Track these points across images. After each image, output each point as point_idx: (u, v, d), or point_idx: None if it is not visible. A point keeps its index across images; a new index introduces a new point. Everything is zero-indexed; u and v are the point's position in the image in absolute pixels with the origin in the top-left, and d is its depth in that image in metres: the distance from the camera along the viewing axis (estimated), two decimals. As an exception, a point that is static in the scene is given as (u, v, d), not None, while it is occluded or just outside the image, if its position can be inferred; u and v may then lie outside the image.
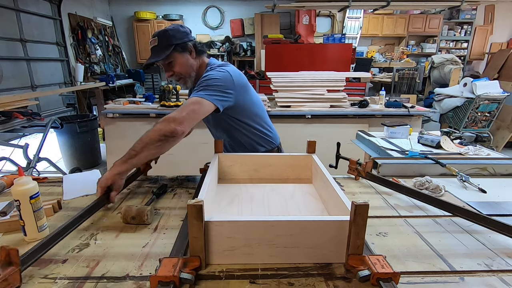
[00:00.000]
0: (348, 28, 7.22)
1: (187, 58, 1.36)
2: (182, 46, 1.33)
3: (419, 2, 4.51)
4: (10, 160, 2.76)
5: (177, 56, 1.33)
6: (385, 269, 0.69)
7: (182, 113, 1.14)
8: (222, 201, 1.10)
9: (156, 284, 0.66)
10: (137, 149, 1.08)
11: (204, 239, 0.72)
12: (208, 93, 1.22)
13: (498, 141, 4.70)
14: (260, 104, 1.53)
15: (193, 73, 1.40)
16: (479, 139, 1.90)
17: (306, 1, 4.27)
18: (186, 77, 1.39)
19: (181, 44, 1.33)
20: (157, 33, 1.33)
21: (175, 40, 1.31)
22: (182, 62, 1.35)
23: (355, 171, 1.33)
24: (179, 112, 1.15)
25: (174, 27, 1.35)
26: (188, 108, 1.17)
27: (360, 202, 0.70)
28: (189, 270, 0.70)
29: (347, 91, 3.47)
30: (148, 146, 1.08)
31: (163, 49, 1.30)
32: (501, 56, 5.52)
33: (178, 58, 1.34)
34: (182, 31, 1.35)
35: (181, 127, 1.11)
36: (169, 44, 1.30)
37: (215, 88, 1.25)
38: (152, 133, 1.09)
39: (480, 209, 1.07)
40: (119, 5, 7.22)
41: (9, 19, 4.14)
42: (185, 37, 1.34)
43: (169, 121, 1.11)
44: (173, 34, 1.31)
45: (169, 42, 1.30)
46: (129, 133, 3.15)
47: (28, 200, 0.84)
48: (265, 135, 1.54)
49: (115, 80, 5.48)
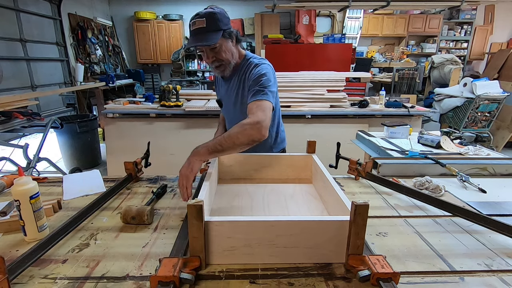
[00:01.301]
0: (348, 28, 7.22)
1: (230, 45, 1.33)
2: (229, 33, 1.30)
3: (419, 2, 4.51)
4: (10, 160, 2.76)
5: (223, 42, 1.29)
6: (385, 269, 0.69)
7: (267, 120, 1.17)
8: (222, 201, 1.11)
9: (156, 284, 0.66)
10: (224, 146, 1.09)
11: (204, 239, 0.72)
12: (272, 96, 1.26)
13: (498, 141, 4.70)
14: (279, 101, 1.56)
15: (233, 61, 1.37)
16: (479, 139, 1.90)
17: (306, 1, 4.27)
18: (226, 64, 1.36)
19: (227, 30, 1.29)
20: (204, 14, 1.25)
21: (223, 25, 1.27)
22: (227, 49, 1.32)
23: (355, 171, 1.33)
24: (264, 116, 1.16)
25: (221, 11, 1.29)
26: (268, 114, 1.19)
27: (360, 202, 0.70)
28: (189, 270, 0.70)
29: (347, 91, 3.47)
30: (236, 147, 1.11)
31: (212, 33, 1.25)
32: (501, 56, 5.52)
33: (224, 44, 1.30)
34: (227, 17, 1.31)
35: (267, 133, 1.16)
36: (218, 29, 1.25)
37: (272, 88, 1.28)
38: (242, 136, 1.11)
39: (480, 209, 1.07)
40: (119, 5, 7.22)
41: (9, 19, 4.13)
42: (229, 23, 1.31)
43: (259, 127, 1.12)
44: (221, 18, 1.26)
45: (218, 27, 1.25)
46: (129, 133, 3.15)
47: (28, 200, 0.84)
48: (278, 136, 1.57)
49: (115, 80, 5.48)
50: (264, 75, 1.29)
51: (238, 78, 1.41)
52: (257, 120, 1.13)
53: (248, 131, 1.11)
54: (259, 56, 1.44)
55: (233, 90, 1.44)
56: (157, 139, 3.05)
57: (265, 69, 1.32)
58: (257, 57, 1.43)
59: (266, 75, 1.29)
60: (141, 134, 3.12)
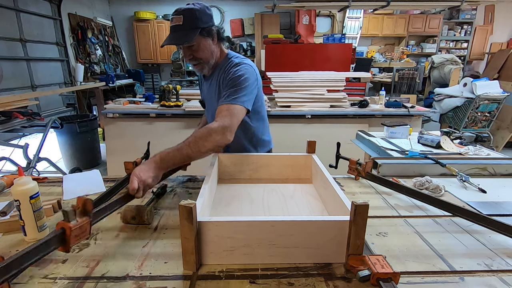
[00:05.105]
0: (348, 28, 7.22)
1: (210, 43, 1.29)
2: (208, 31, 1.25)
3: (419, 2, 4.51)
4: (10, 160, 2.76)
5: (201, 41, 1.25)
6: (385, 269, 0.68)
7: (233, 125, 1.15)
8: (222, 201, 1.11)
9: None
10: (192, 156, 1.08)
11: (195, 240, 0.72)
12: (246, 99, 1.22)
13: (498, 141, 4.70)
14: (264, 105, 1.52)
15: (212, 60, 1.34)
16: (479, 139, 1.90)
17: (306, 1, 4.27)
18: (205, 63, 1.33)
19: (207, 28, 1.25)
20: (183, 11, 1.21)
21: (202, 23, 1.22)
22: (205, 47, 1.28)
23: (355, 171, 1.33)
24: (231, 121, 1.15)
25: (201, 7, 1.24)
26: (236, 119, 1.17)
27: (360, 202, 0.70)
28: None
29: (347, 91, 3.47)
30: (202, 154, 1.11)
31: (189, 31, 1.21)
32: (501, 56, 5.52)
33: (202, 42, 1.26)
34: (209, 14, 1.26)
35: (232, 138, 1.15)
36: (196, 27, 1.21)
37: (248, 89, 1.24)
38: (208, 143, 1.09)
39: (480, 209, 1.07)
40: (119, 5, 7.22)
41: (9, 19, 4.13)
42: (210, 21, 1.26)
43: (224, 132, 1.11)
44: (200, 16, 1.22)
45: (196, 25, 1.21)
46: (129, 133, 3.15)
47: (28, 200, 0.84)
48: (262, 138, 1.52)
49: (115, 80, 5.48)
50: (240, 76, 1.24)
51: (218, 78, 1.36)
52: (223, 125, 1.12)
53: (213, 137, 1.10)
54: (242, 56, 1.40)
55: (213, 90, 1.39)
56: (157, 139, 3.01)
57: (243, 69, 1.27)
58: (239, 57, 1.38)
59: (243, 76, 1.24)
60: (141, 134, 3.11)
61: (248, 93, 1.24)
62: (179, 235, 0.72)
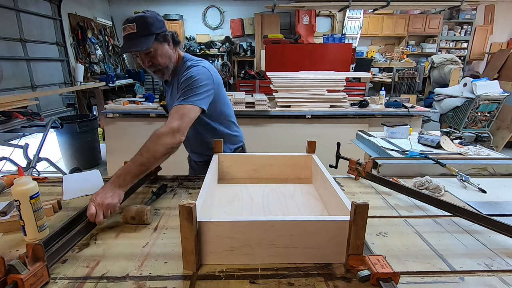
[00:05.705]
0: (348, 28, 7.22)
1: (166, 48, 1.30)
2: (163, 36, 1.27)
3: (419, 2, 4.51)
4: (10, 160, 2.76)
5: (158, 46, 1.27)
6: (385, 269, 0.69)
7: (183, 124, 1.15)
8: (222, 201, 1.11)
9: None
10: (147, 165, 1.07)
11: (195, 240, 0.72)
12: (198, 98, 1.22)
13: (498, 141, 4.70)
14: (229, 102, 1.53)
15: (171, 64, 1.35)
16: (479, 139, 1.90)
17: (306, 1, 4.27)
18: (164, 68, 1.33)
19: (161, 33, 1.26)
20: (134, 19, 1.22)
21: (155, 29, 1.24)
22: (163, 53, 1.29)
23: (355, 171, 1.33)
24: (179, 121, 1.15)
25: (152, 14, 1.26)
26: (187, 118, 1.17)
27: (360, 202, 0.70)
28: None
29: (347, 91, 3.47)
30: (158, 160, 1.10)
31: (143, 38, 1.22)
32: (501, 56, 5.52)
33: (159, 48, 1.27)
34: (160, 20, 1.28)
35: (183, 137, 1.14)
36: (151, 33, 1.23)
37: (201, 89, 1.24)
38: (161, 147, 1.09)
39: (480, 209, 1.07)
40: (119, 5, 7.22)
41: (9, 19, 4.14)
42: (163, 27, 1.28)
43: (173, 133, 1.11)
44: (152, 22, 1.23)
45: (150, 31, 1.22)
46: (129, 133, 3.15)
47: (28, 200, 0.84)
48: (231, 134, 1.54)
49: (115, 80, 5.48)
50: (192, 77, 1.25)
51: (176, 82, 1.36)
52: (171, 127, 1.12)
53: (163, 140, 1.10)
54: (197, 58, 1.40)
55: (174, 95, 1.38)
56: (157, 139, 3.04)
57: (194, 71, 1.28)
58: (194, 59, 1.39)
59: (194, 78, 1.25)
60: (141, 134, 3.07)
61: (200, 93, 1.24)
62: (179, 235, 0.72)
